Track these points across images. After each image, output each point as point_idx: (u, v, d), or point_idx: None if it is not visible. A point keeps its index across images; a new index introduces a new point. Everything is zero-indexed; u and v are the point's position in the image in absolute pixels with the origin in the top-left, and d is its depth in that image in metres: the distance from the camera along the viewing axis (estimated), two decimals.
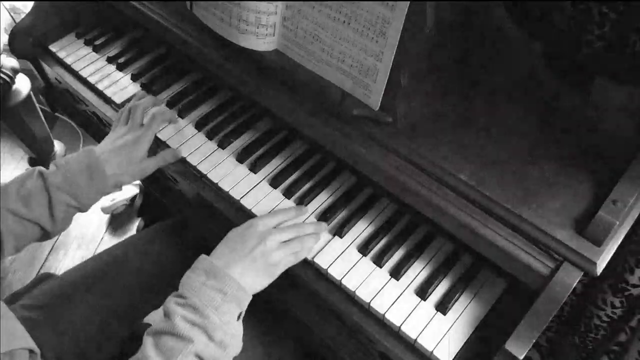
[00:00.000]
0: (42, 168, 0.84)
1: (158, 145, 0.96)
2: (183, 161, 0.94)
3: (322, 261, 0.81)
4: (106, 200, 1.91)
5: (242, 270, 0.75)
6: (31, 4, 1.16)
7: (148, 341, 0.70)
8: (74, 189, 0.83)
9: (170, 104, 1.02)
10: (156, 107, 0.98)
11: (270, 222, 0.80)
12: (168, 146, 0.95)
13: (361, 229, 0.85)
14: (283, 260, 0.78)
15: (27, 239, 0.84)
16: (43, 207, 0.82)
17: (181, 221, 1.12)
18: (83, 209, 0.86)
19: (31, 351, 0.68)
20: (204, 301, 0.70)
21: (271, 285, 0.82)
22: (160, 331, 0.69)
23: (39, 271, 1.80)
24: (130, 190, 1.92)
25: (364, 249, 0.82)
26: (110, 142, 0.90)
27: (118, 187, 0.90)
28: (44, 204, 0.82)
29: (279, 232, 0.79)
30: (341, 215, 0.86)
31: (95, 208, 1.93)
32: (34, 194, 0.81)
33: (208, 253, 0.77)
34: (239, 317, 0.73)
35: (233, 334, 0.71)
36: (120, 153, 0.88)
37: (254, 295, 0.76)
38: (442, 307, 0.76)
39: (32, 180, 0.82)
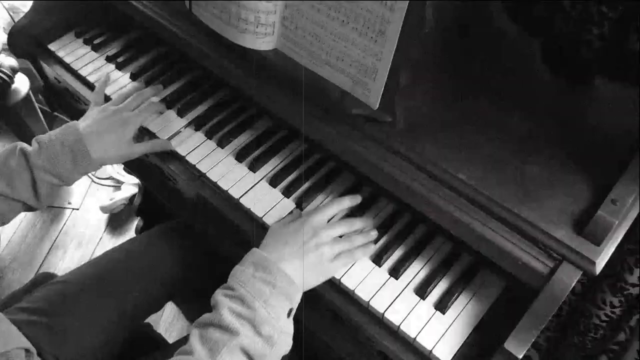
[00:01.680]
0: (23, 145, 0.84)
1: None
2: (182, 160, 0.94)
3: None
4: (105, 200, 1.91)
5: (294, 265, 0.73)
6: (30, 3, 1.16)
7: (195, 333, 0.68)
8: (58, 169, 0.83)
9: (170, 103, 1.02)
10: (154, 98, 0.99)
11: (324, 217, 0.79)
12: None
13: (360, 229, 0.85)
14: (337, 257, 0.76)
15: (12, 213, 0.84)
16: (27, 186, 0.82)
17: (181, 224, 1.12)
18: (68, 184, 0.86)
19: (27, 350, 0.68)
20: (253, 293, 0.68)
21: None
22: (207, 323, 0.68)
23: (37, 271, 1.80)
24: (130, 189, 1.92)
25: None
26: (95, 120, 0.89)
27: (101, 166, 0.90)
28: (27, 183, 0.82)
29: (331, 227, 0.77)
30: (340, 215, 0.86)
31: (95, 208, 1.93)
32: (17, 173, 0.81)
33: (207, 253, 0.77)
34: (289, 314, 0.71)
35: (282, 330, 0.69)
36: (106, 134, 0.87)
37: None
38: (441, 306, 0.76)
39: (14, 159, 0.82)
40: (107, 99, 1.05)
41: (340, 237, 0.80)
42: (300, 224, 0.77)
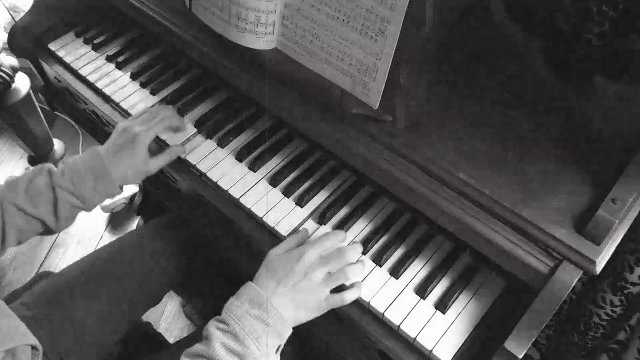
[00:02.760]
0: (51, 166, 0.84)
1: (158, 145, 0.96)
2: (182, 160, 0.94)
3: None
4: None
5: (286, 303, 0.73)
6: (31, 2, 1.16)
7: None
8: (80, 190, 0.83)
9: (170, 103, 1.02)
10: (171, 113, 0.95)
11: (318, 252, 0.77)
12: (167, 145, 0.95)
13: (360, 228, 0.85)
14: (328, 296, 0.75)
15: (30, 233, 0.84)
16: (48, 206, 0.82)
17: (177, 217, 1.12)
18: (88, 209, 0.86)
19: (34, 348, 0.68)
20: (246, 330, 0.69)
21: None
22: (199, 354, 0.68)
23: (38, 270, 1.80)
24: (130, 189, 1.92)
25: (363, 248, 0.82)
26: (111, 141, 0.89)
27: (122, 189, 0.89)
28: (49, 203, 0.82)
29: (326, 264, 0.76)
30: (340, 215, 0.86)
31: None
32: (41, 192, 0.81)
33: (206, 250, 0.77)
34: (278, 350, 0.72)
35: None
36: (122, 154, 0.87)
37: None
38: (442, 306, 0.76)
39: (42, 178, 0.82)
40: (107, 99, 1.05)
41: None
42: (297, 260, 0.75)
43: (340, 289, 0.77)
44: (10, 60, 1.68)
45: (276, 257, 0.77)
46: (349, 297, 0.76)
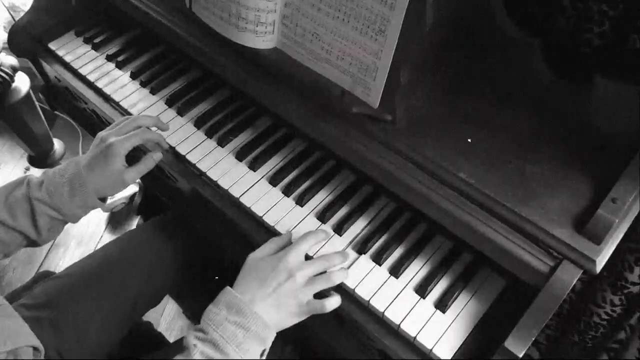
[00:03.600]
0: (31, 177, 0.83)
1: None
2: (182, 159, 0.94)
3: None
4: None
5: (268, 308, 0.71)
6: (30, 1, 1.16)
7: None
8: (56, 201, 0.81)
9: (170, 102, 1.02)
10: (151, 122, 0.92)
11: (299, 254, 0.75)
12: (167, 143, 0.95)
13: (360, 227, 0.85)
14: (309, 301, 0.74)
15: (14, 245, 0.83)
16: (26, 217, 0.81)
17: (177, 217, 1.12)
18: (70, 220, 0.84)
19: (35, 349, 0.68)
20: (226, 337, 0.68)
21: None
22: None
23: (38, 269, 1.80)
24: (130, 188, 1.92)
25: (363, 247, 0.82)
26: (89, 152, 0.87)
27: (102, 200, 0.87)
28: (27, 214, 0.81)
29: (309, 266, 0.74)
30: (340, 214, 0.86)
31: None
32: (19, 203, 0.80)
33: (206, 249, 0.76)
34: (262, 354, 0.70)
35: None
36: (98, 164, 0.84)
37: None
38: (442, 305, 0.76)
39: (20, 189, 0.81)
40: (107, 98, 1.05)
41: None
42: (277, 262, 0.73)
43: (321, 295, 0.76)
44: (10, 60, 1.68)
45: (256, 260, 0.76)
46: (329, 304, 0.74)
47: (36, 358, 0.71)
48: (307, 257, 0.80)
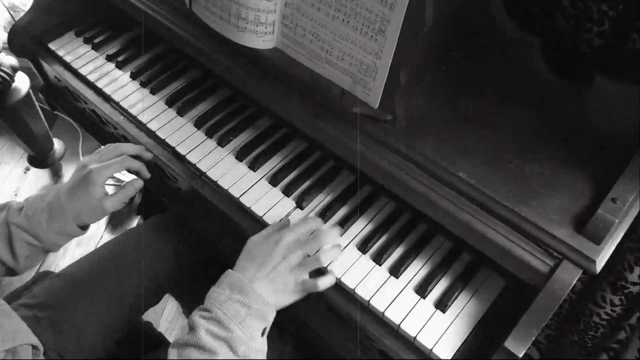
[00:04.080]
0: (13, 203, 0.83)
1: (157, 144, 0.96)
2: (182, 159, 0.94)
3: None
4: None
5: (266, 286, 0.74)
6: (30, 1, 1.16)
7: (172, 353, 0.70)
8: (34, 228, 0.81)
9: (170, 102, 1.02)
10: (135, 151, 0.93)
11: (295, 236, 0.79)
12: (168, 144, 0.95)
13: (360, 227, 0.85)
14: (305, 280, 0.77)
15: None
16: (3, 243, 0.81)
17: (177, 217, 1.12)
18: (50, 248, 0.84)
19: (34, 347, 0.68)
20: (229, 315, 0.70)
21: None
22: (185, 343, 0.70)
23: (38, 269, 1.80)
24: None
25: (363, 247, 0.82)
26: (71, 178, 0.87)
27: (83, 227, 0.87)
28: (4, 240, 0.81)
29: (302, 247, 0.78)
30: (340, 214, 0.86)
31: None
32: None
33: (206, 249, 0.77)
34: (263, 333, 0.73)
35: (257, 348, 0.71)
36: (77, 191, 0.84)
37: None
38: (442, 305, 0.76)
39: (1, 214, 0.81)
40: (107, 98, 1.05)
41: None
42: (274, 244, 0.77)
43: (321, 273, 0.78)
44: (10, 60, 1.68)
45: (254, 243, 0.79)
46: (322, 283, 0.77)
47: (35, 357, 0.71)
48: None
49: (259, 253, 0.77)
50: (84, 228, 0.88)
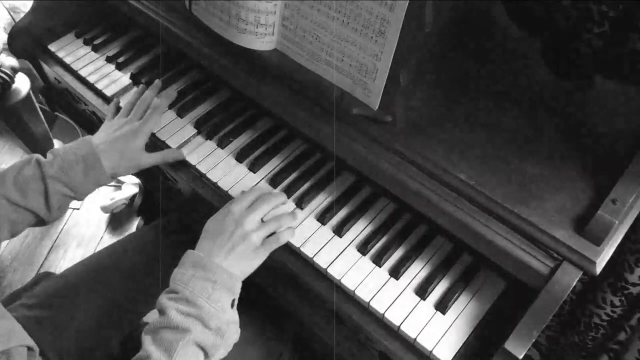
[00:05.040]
0: (39, 156, 0.85)
1: (156, 145, 0.96)
2: (182, 161, 0.94)
3: (321, 261, 0.81)
4: (106, 200, 1.91)
5: (226, 257, 0.76)
6: (30, 3, 1.16)
7: (147, 339, 0.71)
8: (70, 179, 0.84)
9: (170, 104, 1.01)
10: (155, 100, 0.97)
11: (243, 204, 0.80)
12: (167, 145, 0.95)
13: (360, 228, 0.85)
14: (265, 240, 0.79)
15: (23, 225, 0.84)
16: (39, 196, 0.83)
17: (179, 220, 1.12)
18: (79, 197, 0.87)
19: (29, 349, 0.68)
20: (196, 292, 0.71)
21: (272, 285, 0.82)
22: (157, 326, 0.70)
23: (38, 270, 1.80)
24: (130, 189, 1.92)
25: (363, 248, 0.82)
26: (107, 134, 0.90)
27: (114, 178, 0.91)
28: (40, 193, 0.82)
29: (253, 211, 0.79)
30: (340, 215, 0.86)
31: (95, 207, 1.94)
32: (31, 183, 0.82)
33: None
34: (232, 304, 0.74)
35: (228, 320, 0.72)
36: (117, 145, 0.88)
37: (253, 292, 0.75)
38: (442, 306, 0.76)
39: (30, 168, 0.83)
40: (107, 99, 1.05)
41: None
42: (224, 216, 0.79)
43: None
44: (10, 61, 1.68)
45: (209, 222, 0.80)
46: (283, 237, 0.80)
47: (31, 358, 0.70)
48: None
49: (212, 227, 0.79)
50: (113, 177, 0.91)
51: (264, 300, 0.90)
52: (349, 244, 0.83)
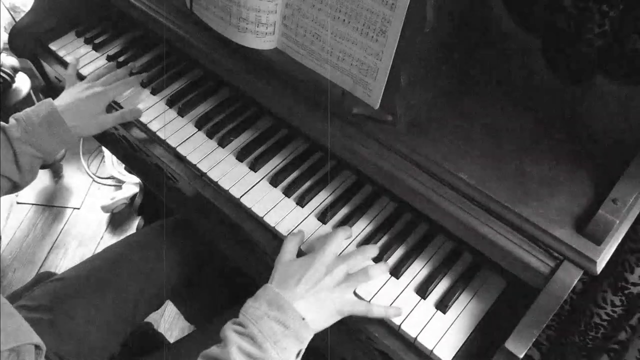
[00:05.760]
0: (2, 123, 0.87)
1: (156, 145, 0.96)
2: (183, 160, 0.94)
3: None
4: (106, 199, 1.91)
5: (307, 305, 0.70)
6: (31, 2, 1.16)
7: None
8: (36, 140, 0.86)
9: (170, 103, 1.02)
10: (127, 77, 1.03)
11: (334, 250, 0.75)
12: (169, 144, 0.95)
13: (361, 228, 0.85)
14: (356, 302, 0.73)
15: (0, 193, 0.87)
16: (9, 160, 0.85)
17: (180, 221, 1.12)
18: (47, 158, 0.89)
19: (37, 347, 0.68)
20: (264, 333, 0.66)
21: None
22: (214, 357, 0.66)
23: (38, 270, 1.80)
24: (130, 189, 1.92)
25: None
26: (70, 94, 0.94)
27: (78, 138, 0.93)
28: (9, 157, 0.85)
29: (345, 260, 0.74)
30: (341, 214, 0.86)
31: (95, 207, 1.94)
32: None
33: (207, 251, 0.76)
34: (298, 355, 0.69)
35: None
36: (80, 106, 0.92)
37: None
38: (442, 305, 0.76)
39: None
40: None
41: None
42: (313, 260, 0.73)
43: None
44: (11, 60, 1.68)
45: (287, 262, 0.74)
46: (377, 310, 0.73)
47: (38, 357, 0.70)
48: None
49: (297, 270, 0.72)
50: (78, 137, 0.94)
51: None
52: (350, 244, 0.83)
